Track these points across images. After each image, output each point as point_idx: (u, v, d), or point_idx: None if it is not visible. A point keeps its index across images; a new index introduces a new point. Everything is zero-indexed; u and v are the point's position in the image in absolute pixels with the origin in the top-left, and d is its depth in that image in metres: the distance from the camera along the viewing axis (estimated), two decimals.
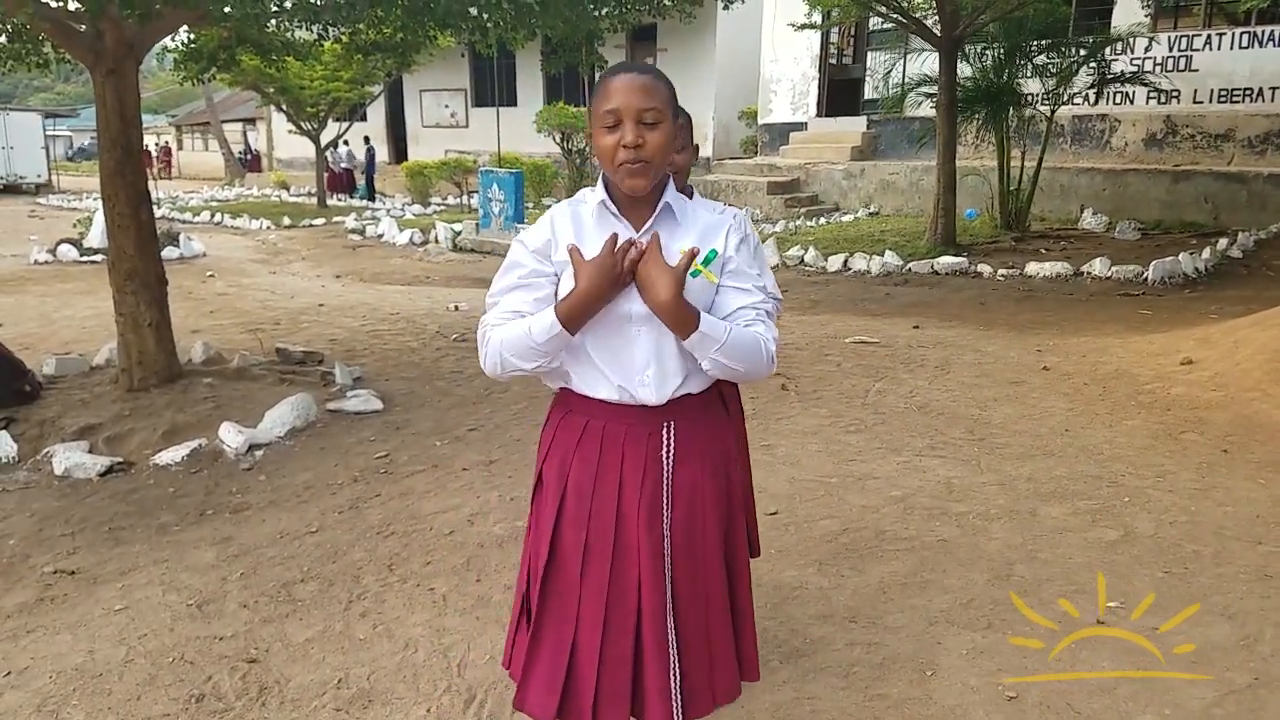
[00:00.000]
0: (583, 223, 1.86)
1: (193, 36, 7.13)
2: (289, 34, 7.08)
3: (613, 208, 1.84)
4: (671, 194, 1.87)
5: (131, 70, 5.17)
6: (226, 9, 4.23)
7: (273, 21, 5.72)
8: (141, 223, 5.44)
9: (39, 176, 27.70)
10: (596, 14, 5.74)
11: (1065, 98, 11.97)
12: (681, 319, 1.73)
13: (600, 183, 1.87)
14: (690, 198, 2.35)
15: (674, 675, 1.87)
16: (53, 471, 4.50)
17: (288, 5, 4.77)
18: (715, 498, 1.92)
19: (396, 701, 2.75)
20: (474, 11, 5.41)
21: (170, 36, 7.05)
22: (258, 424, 5.05)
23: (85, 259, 12.33)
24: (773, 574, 3.42)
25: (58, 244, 12.79)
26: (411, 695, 2.78)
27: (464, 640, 3.03)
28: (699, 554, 1.90)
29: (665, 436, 1.87)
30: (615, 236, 1.75)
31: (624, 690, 1.86)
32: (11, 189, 26.98)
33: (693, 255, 1.74)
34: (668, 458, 1.87)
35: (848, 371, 6.26)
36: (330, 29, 6.50)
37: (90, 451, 4.69)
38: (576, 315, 1.76)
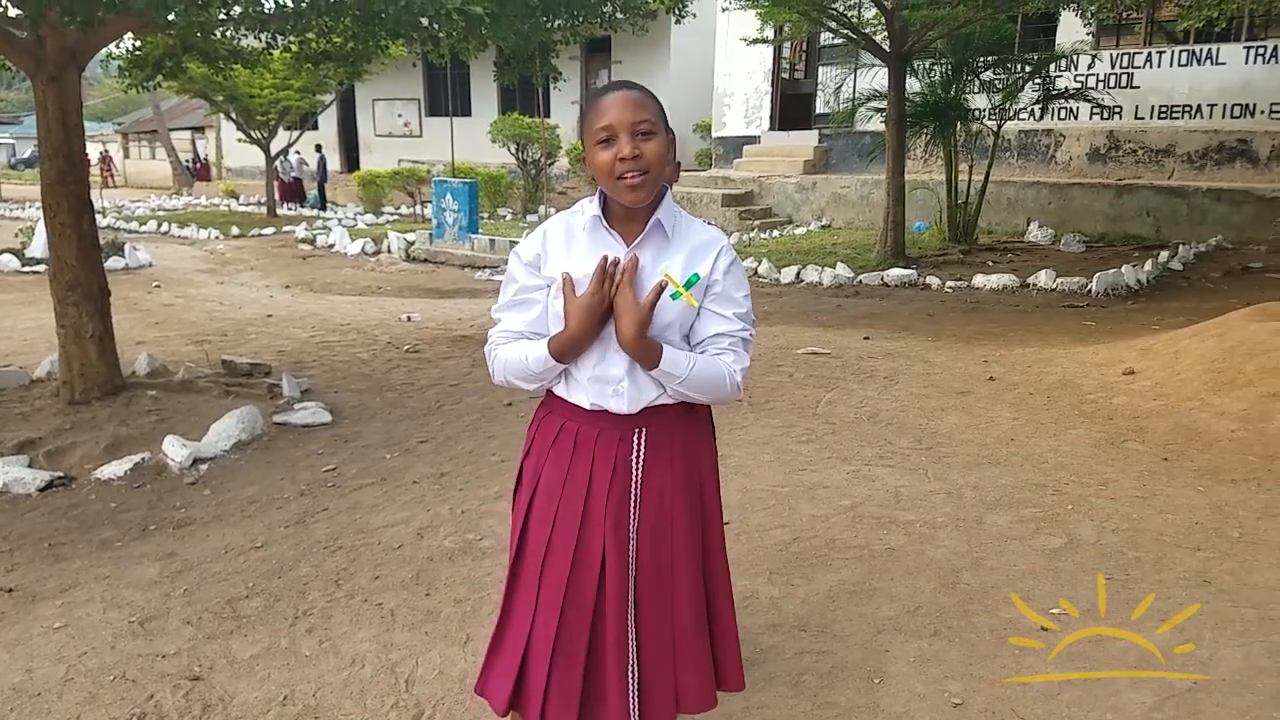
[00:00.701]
0: (574, 235, 1.93)
1: (138, 44, 7.02)
2: (236, 42, 6.99)
3: (604, 222, 1.89)
4: (664, 210, 1.90)
5: (74, 78, 5.07)
6: (170, 17, 4.16)
7: (219, 30, 5.63)
8: (84, 233, 5.33)
9: None
10: (549, 26, 5.74)
11: (1011, 113, 12.24)
12: (644, 355, 1.84)
13: (597, 196, 1.91)
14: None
15: (632, 675, 1.91)
16: None
17: (234, 13, 4.70)
18: (686, 505, 1.96)
19: (343, 718, 2.72)
20: (425, 22, 5.40)
21: (115, 44, 6.94)
22: (202, 437, 4.96)
23: (27, 269, 12.06)
24: None
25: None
26: (358, 712, 2.74)
27: (412, 656, 3.00)
28: (665, 558, 1.94)
29: (636, 442, 1.93)
30: (603, 265, 1.82)
31: (574, 689, 1.89)
32: None
33: (660, 287, 1.82)
34: (638, 462, 1.93)
35: (799, 382, 6.32)
36: (279, 38, 6.42)
37: (30, 466, 4.58)
38: (568, 352, 1.89)
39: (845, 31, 11.68)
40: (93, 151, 37.26)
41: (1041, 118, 12.93)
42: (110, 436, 4.98)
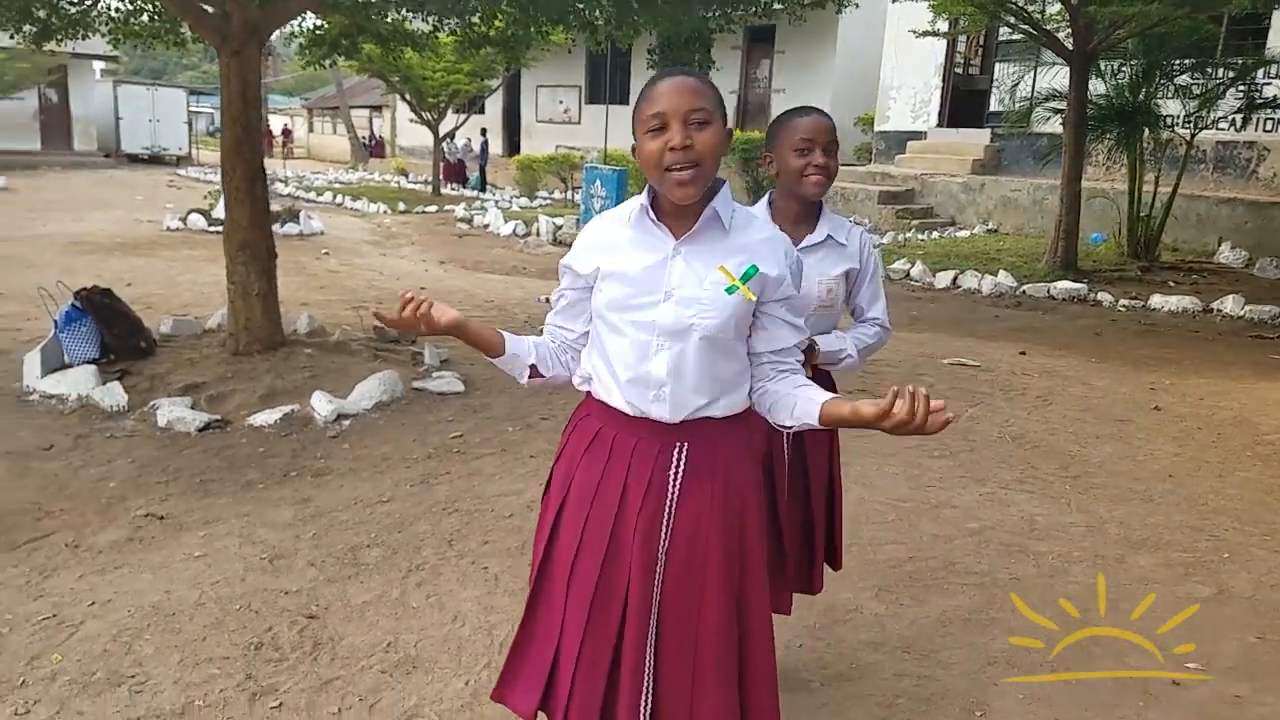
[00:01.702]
0: (620, 229, 1.80)
1: (318, 23, 7.42)
2: (405, 24, 7.29)
3: (652, 215, 1.76)
4: (722, 201, 1.75)
5: (254, 52, 5.40)
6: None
7: (392, 13, 5.88)
8: (256, 197, 5.68)
9: (180, 149, 29.27)
10: (703, 13, 5.70)
11: (1208, 122, 11.31)
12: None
13: (646, 189, 1.78)
14: (820, 210, 2.40)
15: (645, 705, 1.79)
16: (156, 423, 4.76)
17: None
18: (723, 532, 1.80)
19: (438, 671, 2.81)
20: (581, 6, 5.46)
21: (298, 22, 7.37)
22: (347, 395, 5.21)
23: (212, 229, 12.95)
24: (827, 595, 3.30)
25: (188, 213, 13.51)
26: (453, 666, 2.83)
27: (508, 620, 3.06)
28: (695, 586, 1.79)
29: (676, 456, 1.78)
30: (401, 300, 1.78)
31: (595, 702, 1.80)
32: (156, 159, 28.59)
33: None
34: (675, 479, 1.78)
35: (941, 393, 6.06)
36: (444, 21, 6.65)
37: (192, 408, 4.93)
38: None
39: (1025, 27, 11.09)
40: (276, 124, 39.82)
41: (1243, 128, 11.90)
42: (266, 387, 5.30)
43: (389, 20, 6.70)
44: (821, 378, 2.44)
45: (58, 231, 12.22)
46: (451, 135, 23.49)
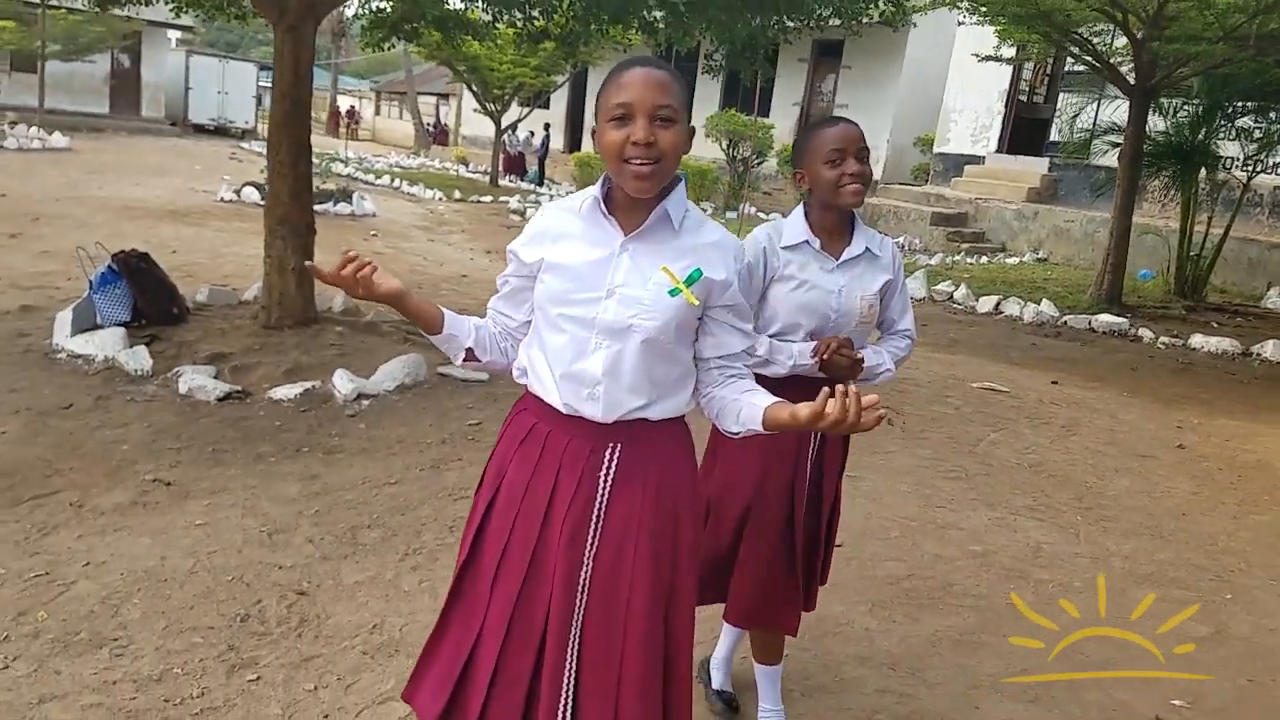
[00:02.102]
0: (569, 220, 1.77)
1: (381, 6, 7.52)
2: (469, 13, 7.36)
3: (603, 207, 1.72)
4: (674, 202, 1.72)
5: (309, 29, 5.50)
6: None
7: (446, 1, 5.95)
8: (299, 173, 5.78)
9: (246, 123, 29.82)
10: (757, 22, 5.70)
11: (1267, 166, 11.06)
12: None
13: (601, 180, 1.75)
14: (853, 223, 2.38)
15: (565, 703, 1.73)
16: (177, 390, 4.86)
17: None
18: (653, 535, 1.75)
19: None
20: (648, 4, 5.47)
21: (361, 4, 7.48)
22: (370, 375, 5.28)
23: (264, 202, 13.21)
24: (820, 607, 3.31)
25: (243, 186, 13.75)
26: None
27: None
28: (621, 592, 1.73)
29: (607, 457, 1.74)
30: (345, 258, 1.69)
31: (514, 713, 1.75)
32: (221, 131, 29.18)
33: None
34: (605, 480, 1.74)
35: (965, 416, 6.01)
36: (504, 13, 6.72)
37: (215, 377, 5.03)
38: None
39: (1087, 58, 10.92)
40: (344, 105, 40.39)
41: None
42: (292, 362, 5.39)
43: (446, 6, 6.76)
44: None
45: (113, 195, 12.52)
46: (514, 127, 23.67)
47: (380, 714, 2.57)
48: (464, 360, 1.90)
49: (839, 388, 1.51)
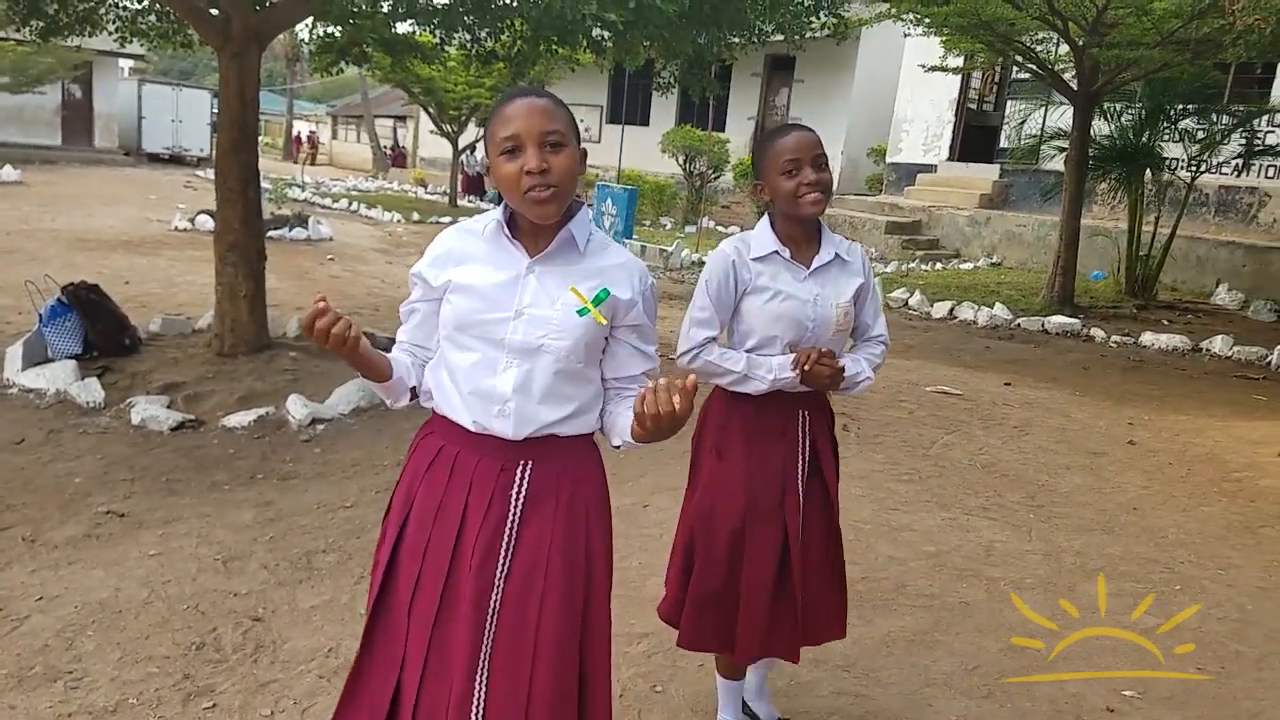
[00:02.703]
0: (474, 242, 1.78)
1: (328, 30, 7.53)
2: (414, 35, 7.39)
3: (507, 231, 1.75)
4: (578, 223, 1.76)
5: (254, 56, 5.50)
6: (328, 6, 4.46)
7: (391, 24, 5.98)
8: (249, 199, 5.76)
9: (201, 150, 29.47)
10: (699, 40, 5.79)
11: (1211, 166, 11.35)
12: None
13: (503, 205, 1.77)
14: (819, 231, 2.34)
15: None
16: (130, 421, 4.82)
17: (383, 8, 4.99)
18: (566, 553, 1.74)
19: None
20: (588, 25, 5.53)
21: (308, 29, 7.48)
22: (325, 399, 5.26)
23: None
24: None
25: (197, 214, 13.61)
26: None
27: None
28: (530, 614, 1.71)
29: (518, 475, 1.74)
30: (309, 313, 1.61)
31: None
32: (176, 159, 28.88)
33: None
34: (517, 500, 1.73)
35: (919, 420, 6.09)
36: (452, 35, 6.75)
37: (169, 407, 4.99)
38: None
39: (1031, 66, 11.17)
40: (301, 129, 40.18)
41: (1245, 173, 11.94)
42: (245, 389, 5.36)
43: (389, 31, 6.79)
44: (818, 401, 2.40)
45: (65, 227, 12.36)
46: (471, 148, 23.68)
47: None
48: (408, 400, 1.86)
49: (648, 384, 1.53)
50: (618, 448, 1.81)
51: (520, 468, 1.74)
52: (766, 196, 2.31)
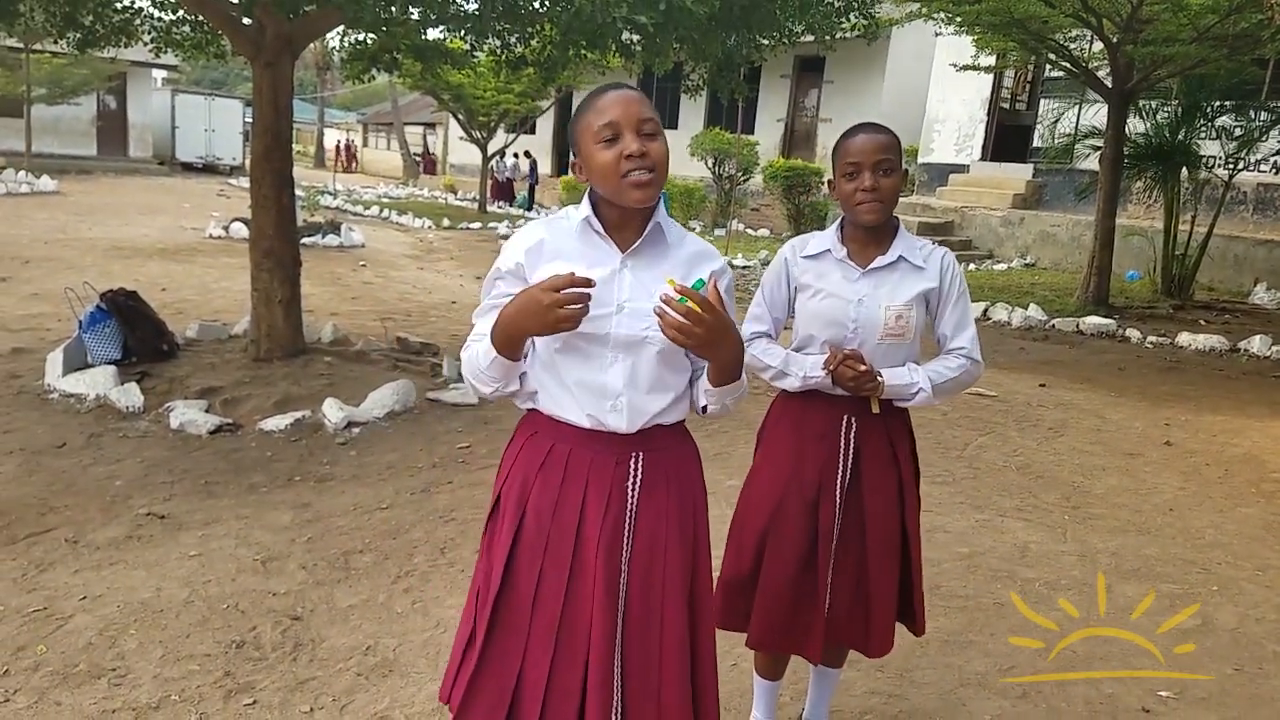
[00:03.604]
0: (565, 240, 1.78)
1: (359, 38, 7.61)
2: (445, 42, 7.45)
3: (597, 225, 1.76)
4: (663, 215, 1.79)
5: (287, 64, 5.58)
6: (360, 14, 4.52)
7: (418, 30, 6.04)
8: (283, 206, 5.84)
9: (234, 159, 29.94)
10: (725, 39, 5.79)
11: (1249, 163, 11.17)
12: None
13: (586, 200, 1.80)
14: (895, 231, 2.28)
15: (616, 707, 1.77)
16: (169, 425, 4.90)
17: (414, 14, 5.04)
18: (680, 534, 1.82)
19: (414, 675, 2.87)
20: (619, 27, 5.54)
21: (339, 37, 7.57)
22: (360, 403, 5.32)
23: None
24: None
25: (232, 221, 13.83)
26: (430, 671, 2.88)
27: None
28: (656, 591, 1.79)
29: (633, 466, 1.79)
30: (571, 278, 1.60)
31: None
32: (209, 168, 29.34)
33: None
34: (633, 489, 1.78)
35: (953, 421, 6.05)
36: (481, 41, 6.80)
37: (207, 411, 5.07)
38: (501, 341, 1.70)
39: (1065, 64, 11.06)
40: (330, 139, 40.64)
41: None
42: (282, 393, 5.43)
43: (420, 38, 6.85)
44: (895, 414, 2.33)
45: (101, 236, 12.59)
46: (501, 154, 23.83)
47: None
48: (515, 389, 1.84)
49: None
50: (704, 409, 1.85)
51: (634, 459, 1.79)
52: (836, 196, 2.26)
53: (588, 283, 1.60)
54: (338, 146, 40.10)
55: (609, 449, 1.78)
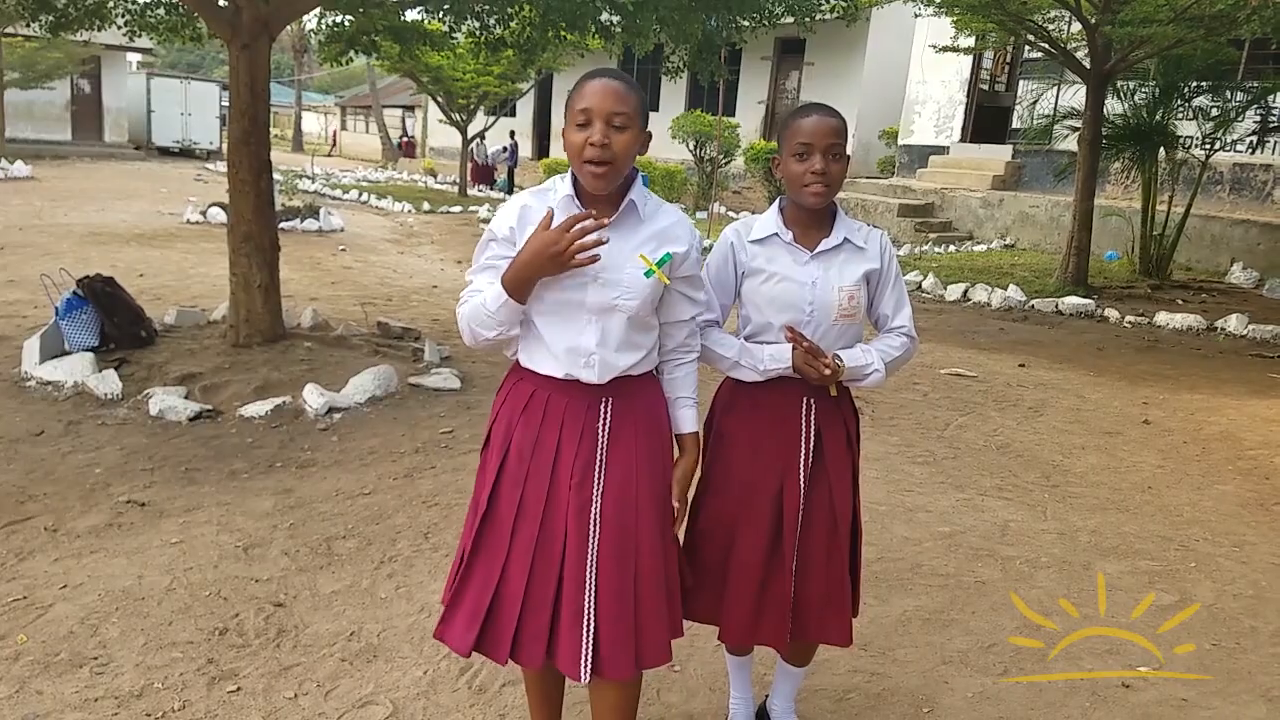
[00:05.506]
0: (545, 212, 1.92)
1: (337, 19, 7.53)
2: (423, 23, 7.38)
3: (577, 201, 1.95)
4: (637, 191, 1.97)
5: (264, 47, 5.51)
6: None
7: (400, 12, 5.98)
8: (260, 190, 5.79)
9: (211, 144, 29.58)
10: (709, 23, 5.77)
11: (1225, 144, 11.25)
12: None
13: (569, 175, 1.97)
14: (835, 214, 2.28)
15: (587, 622, 1.97)
16: (148, 411, 4.86)
17: None
18: (649, 468, 2.03)
19: (399, 660, 2.87)
20: (598, 5, 5.52)
21: (317, 19, 7.49)
22: (341, 389, 5.30)
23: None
24: None
25: (209, 206, 13.67)
26: (414, 656, 2.89)
27: None
28: (629, 523, 2.00)
29: (603, 411, 2.01)
30: (574, 218, 1.82)
31: (543, 631, 2.01)
32: (186, 153, 29.00)
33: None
34: (604, 430, 2.01)
35: (933, 402, 6.09)
36: (460, 22, 6.75)
37: (186, 398, 5.03)
38: (517, 284, 1.89)
39: (1043, 45, 11.08)
40: (309, 122, 40.19)
41: (1260, 151, 11.83)
42: (261, 379, 5.40)
43: (398, 19, 6.79)
44: (844, 394, 2.31)
45: (78, 222, 12.44)
46: (481, 137, 23.66)
47: (360, 717, 2.59)
48: (512, 333, 2.03)
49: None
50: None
51: (603, 404, 2.01)
52: (780, 175, 2.25)
53: (599, 220, 1.81)
54: (334, 132, 39.80)
55: (582, 396, 2.00)
